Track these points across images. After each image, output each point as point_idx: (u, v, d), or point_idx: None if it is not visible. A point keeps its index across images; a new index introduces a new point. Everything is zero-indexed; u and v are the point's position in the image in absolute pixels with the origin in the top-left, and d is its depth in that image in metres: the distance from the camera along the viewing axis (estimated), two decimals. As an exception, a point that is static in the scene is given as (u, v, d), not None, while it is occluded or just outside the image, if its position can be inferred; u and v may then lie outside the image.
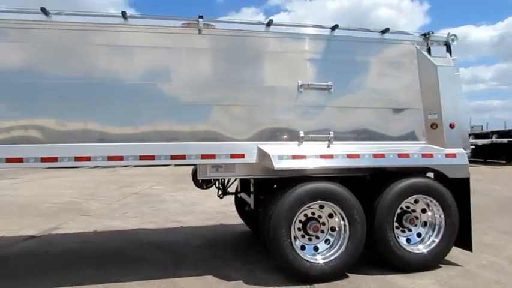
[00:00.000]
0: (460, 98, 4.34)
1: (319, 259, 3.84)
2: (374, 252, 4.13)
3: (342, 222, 3.93)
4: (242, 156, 3.85)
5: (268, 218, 3.82)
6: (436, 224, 4.22)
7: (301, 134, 3.94)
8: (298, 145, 3.94)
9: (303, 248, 3.95)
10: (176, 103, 3.79)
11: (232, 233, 6.07)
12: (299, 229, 3.98)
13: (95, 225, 6.69)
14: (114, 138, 3.64)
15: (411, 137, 4.26)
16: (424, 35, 4.34)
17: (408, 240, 4.24)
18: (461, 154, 4.19)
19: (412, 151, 4.09)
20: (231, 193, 5.30)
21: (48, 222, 6.97)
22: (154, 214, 7.67)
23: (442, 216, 4.16)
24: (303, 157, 3.83)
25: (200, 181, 4.52)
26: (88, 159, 3.58)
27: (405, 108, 4.27)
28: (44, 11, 3.59)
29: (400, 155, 4.03)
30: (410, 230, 4.27)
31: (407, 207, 4.26)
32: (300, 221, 3.99)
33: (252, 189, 4.51)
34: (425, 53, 4.30)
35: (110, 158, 3.62)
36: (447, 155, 4.16)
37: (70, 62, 3.63)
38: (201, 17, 3.78)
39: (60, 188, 12.00)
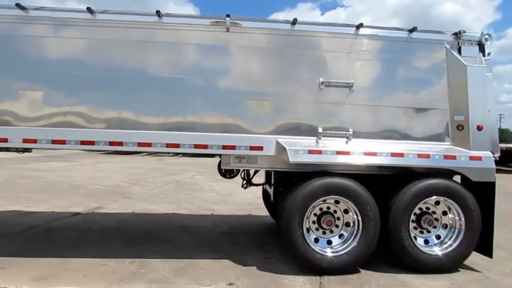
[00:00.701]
0: (490, 99, 4.19)
1: (329, 252, 3.95)
2: (389, 250, 4.14)
3: (355, 218, 4.00)
4: (261, 148, 4.03)
5: (283, 209, 3.99)
6: (455, 227, 4.14)
7: (320, 129, 4.04)
8: (316, 141, 4.04)
9: (316, 240, 4.07)
10: (202, 97, 4.04)
11: (259, 224, 6.29)
12: (313, 222, 4.10)
13: (134, 207, 7.22)
14: (146, 127, 3.98)
15: (435, 137, 4.19)
16: (455, 34, 4.23)
17: (426, 242, 4.20)
18: (488, 157, 4.07)
19: (434, 152, 4.03)
20: (256, 184, 5.51)
21: (94, 202, 7.63)
22: (190, 201, 8.09)
23: (463, 219, 4.07)
24: (319, 152, 3.94)
25: (223, 171, 4.76)
26: (121, 144, 3.96)
27: (430, 108, 4.20)
28: (89, 10, 4.00)
29: (419, 155, 4.00)
30: (429, 232, 4.23)
31: (428, 208, 4.22)
32: (315, 214, 4.10)
33: (272, 181, 4.69)
34: (455, 53, 4.19)
35: (140, 144, 3.98)
36: (472, 158, 4.06)
37: (115, 57, 4.01)
38: (228, 15, 4.00)
39: (110, 172, 12.92)
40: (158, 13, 4.06)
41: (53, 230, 5.42)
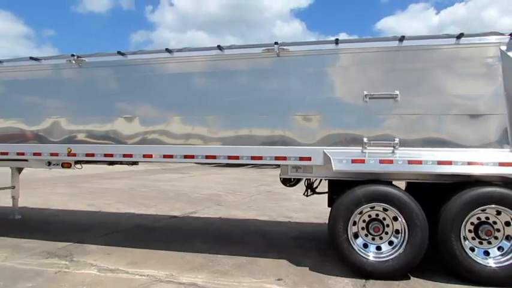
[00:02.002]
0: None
1: (372, 257, 4.11)
2: (441, 259, 4.10)
3: (402, 225, 4.09)
4: (309, 159, 4.43)
5: (330, 215, 4.31)
6: (518, 238, 3.90)
7: (365, 140, 4.26)
8: (362, 150, 4.27)
9: (365, 246, 4.27)
10: (259, 114, 4.64)
11: (330, 231, 6.54)
12: (362, 228, 4.31)
13: (222, 213, 8.14)
14: (211, 143, 4.74)
15: (492, 144, 4.03)
16: (511, 35, 4.05)
17: (486, 253, 4.03)
18: (554, 164, 3.77)
19: (488, 159, 3.90)
20: (320, 193, 5.83)
21: (191, 207, 8.80)
22: (273, 209, 8.70)
23: (523, 229, 3.83)
24: (362, 161, 4.17)
25: (282, 179, 5.24)
26: (192, 157, 4.78)
27: (485, 114, 4.06)
28: (168, 50, 4.98)
29: (470, 163, 3.92)
30: (490, 243, 4.05)
31: (487, 218, 4.05)
32: (364, 221, 4.31)
33: (327, 189, 5.00)
34: (511, 55, 4.01)
35: (207, 157, 4.76)
36: (534, 165, 3.81)
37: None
38: (276, 43, 4.55)
39: (212, 183, 14.36)
40: (220, 47, 4.82)
41: (152, 229, 6.59)
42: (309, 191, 5.61)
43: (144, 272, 4.32)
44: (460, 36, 4.14)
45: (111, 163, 6.24)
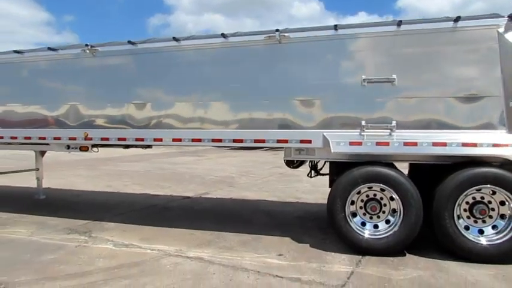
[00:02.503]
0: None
1: (367, 234, 4.32)
2: (434, 236, 4.28)
3: (398, 204, 4.27)
4: (310, 141, 4.62)
5: (329, 195, 4.53)
6: (508, 217, 4.03)
7: (363, 123, 4.41)
8: (360, 133, 4.43)
9: (363, 224, 4.47)
10: (262, 99, 4.84)
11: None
12: (361, 207, 4.50)
13: (234, 194, 8.46)
14: (220, 127, 4.98)
15: (487, 126, 4.12)
16: (510, 17, 4.07)
17: (480, 231, 4.18)
18: (548, 145, 3.85)
19: (481, 140, 4.01)
20: (323, 174, 6.02)
21: (204, 189, 9.15)
22: (283, 190, 8.96)
23: (516, 209, 3.95)
24: (359, 143, 4.34)
25: (286, 161, 5.45)
26: (200, 140, 5.03)
27: (479, 96, 4.14)
28: (175, 39, 5.19)
29: (464, 144, 4.04)
30: (484, 222, 4.19)
31: (482, 198, 4.18)
32: (362, 200, 4.50)
33: (328, 171, 5.19)
34: (509, 37, 4.04)
35: (213, 140, 5.01)
36: (528, 146, 3.89)
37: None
38: (277, 30, 4.70)
39: (227, 165, 14.70)
40: (223, 35, 4.99)
41: (166, 209, 6.96)
42: (312, 172, 5.80)
43: (156, 247, 4.66)
44: (457, 19, 4.19)
45: (127, 146, 6.59)
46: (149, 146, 6.83)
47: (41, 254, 4.41)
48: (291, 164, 5.41)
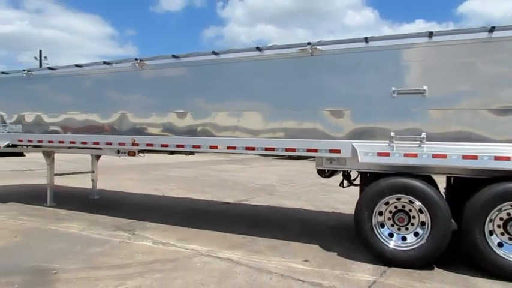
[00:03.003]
0: None
1: (393, 245, 4.32)
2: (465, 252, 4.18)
3: (426, 217, 4.23)
4: (339, 151, 4.73)
5: (356, 204, 4.59)
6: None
7: (392, 134, 4.44)
8: (389, 144, 4.46)
9: (391, 235, 4.47)
10: (294, 109, 5.03)
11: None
12: (389, 218, 4.51)
13: (271, 202, 8.66)
14: (250, 134, 5.25)
15: (524, 139, 3.99)
16: (548, 28, 3.93)
17: (515, 249, 4.02)
18: None
19: (516, 154, 3.89)
20: (356, 184, 6.03)
21: (244, 195, 9.44)
22: (322, 200, 8.99)
23: (553, 227, 3.77)
24: (387, 154, 4.37)
25: (318, 170, 5.55)
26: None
27: (515, 109, 4.03)
28: (214, 53, 5.55)
29: (496, 158, 3.94)
30: (520, 238, 4.03)
31: (516, 213, 4.03)
32: (390, 212, 4.51)
33: (359, 181, 5.23)
34: (546, 48, 3.91)
35: (247, 148, 5.28)
36: None
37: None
38: (309, 43, 4.88)
39: (270, 174, 14.93)
40: (259, 48, 5.27)
41: (205, 212, 7.32)
42: (345, 182, 5.86)
43: (190, 246, 4.99)
44: (492, 29, 4.12)
45: (171, 152, 7.07)
46: (191, 153, 7.26)
47: (89, 247, 4.90)
48: (323, 173, 5.52)
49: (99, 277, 3.89)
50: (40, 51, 40.56)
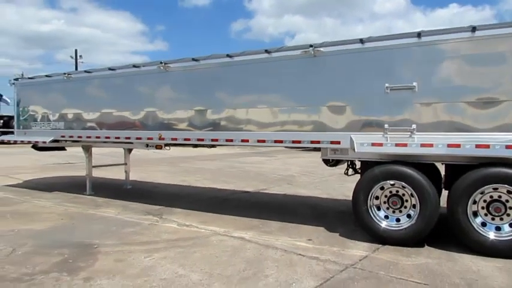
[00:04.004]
0: None
1: (385, 225, 4.83)
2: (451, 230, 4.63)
3: (415, 200, 4.71)
4: (339, 143, 5.26)
5: (354, 189, 5.12)
6: (524, 215, 4.24)
7: (386, 126, 4.92)
8: (383, 135, 4.95)
9: (386, 217, 4.98)
10: (299, 105, 5.59)
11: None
12: (385, 202, 5.02)
13: (288, 191, 9.25)
14: (262, 127, 5.86)
15: (505, 128, 4.36)
16: (526, 26, 4.28)
17: (498, 228, 4.44)
18: None
19: (494, 142, 4.29)
20: (359, 173, 6.51)
21: (264, 185, 10.09)
22: (337, 189, 9.49)
23: (530, 208, 4.16)
24: (380, 144, 4.86)
25: (323, 160, 6.08)
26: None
27: (497, 101, 4.39)
28: (228, 55, 6.18)
29: (478, 146, 4.35)
30: (502, 219, 4.44)
31: (500, 196, 4.43)
32: (385, 196, 5.01)
33: (359, 169, 5.73)
34: (525, 45, 4.26)
35: (258, 141, 5.90)
36: (541, 148, 4.10)
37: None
38: (311, 45, 5.41)
39: (292, 166, 15.48)
40: (267, 50, 5.85)
41: (226, 200, 8.03)
42: (350, 170, 6.36)
43: (209, 228, 5.69)
44: (474, 29, 4.50)
45: (195, 146, 7.80)
46: (213, 146, 7.93)
47: (123, 228, 5.71)
48: (328, 162, 6.06)
49: (131, 250, 4.66)
50: (76, 51, 42.72)
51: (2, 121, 29.48)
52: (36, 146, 9.47)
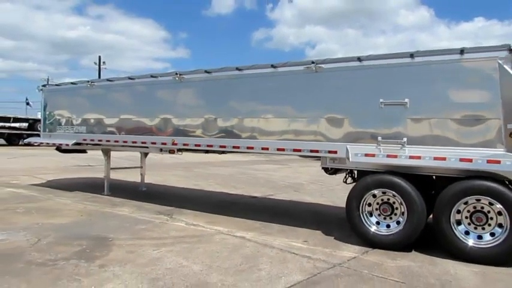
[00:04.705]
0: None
1: (376, 231, 5.20)
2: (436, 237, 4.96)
3: (404, 207, 5.07)
4: (336, 152, 5.67)
5: (348, 196, 5.51)
6: (505, 226, 4.55)
7: (379, 138, 5.31)
8: (376, 147, 5.33)
9: (378, 223, 5.34)
10: (301, 116, 6.03)
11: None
12: (376, 209, 5.39)
13: (294, 197, 9.65)
14: (269, 137, 6.31)
15: (487, 144, 4.69)
16: (509, 50, 4.62)
17: (479, 237, 4.75)
18: (539, 163, 4.33)
19: (477, 156, 4.63)
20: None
21: (271, 191, 10.51)
22: (341, 197, 9.66)
23: (507, 218, 4.47)
24: (373, 155, 5.25)
25: (322, 168, 6.47)
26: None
27: (482, 119, 4.73)
28: (238, 68, 6.69)
29: (462, 159, 4.70)
30: (483, 229, 4.75)
31: (482, 207, 4.75)
32: (377, 203, 5.38)
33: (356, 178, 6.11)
34: (507, 67, 4.60)
35: (263, 148, 6.36)
36: (519, 163, 4.42)
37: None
38: (313, 62, 5.86)
39: (303, 174, 15.84)
40: (273, 65, 6.32)
41: (233, 204, 8.50)
42: (349, 178, 6.74)
43: (214, 227, 6.16)
44: (462, 51, 4.87)
45: (206, 152, 8.31)
46: (223, 152, 8.42)
47: (136, 225, 6.23)
48: (327, 170, 6.46)
49: (142, 244, 5.16)
50: (99, 57, 44.30)
51: (27, 124, 30.92)
52: (59, 148, 10.19)
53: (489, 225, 4.72)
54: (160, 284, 3.80)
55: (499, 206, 4.58)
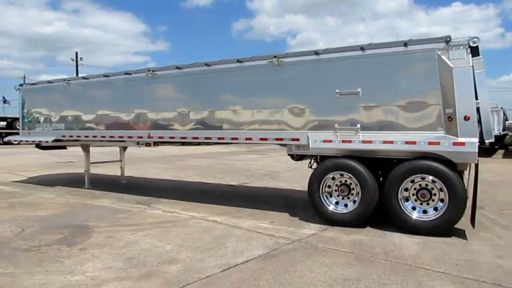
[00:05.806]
0: (482, 93, 4.98)
1: (333, 209, 5.73)
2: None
3: (358, 188, 5.60)
4: (298, 140, 6.15)
5: (309, 179, 6.02)
6: (444, 201, 5.12)
7: (336, 125, 5.81)
8: (333, 133, 5.83)
9: (337, 203, 5.87)
10: (267, 107, 6.48)
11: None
12: (335, 190, 5.91)
13: (270, 184, 10.15)
14: (237, 126, 6.75)
15: (429, 128, 5.23)
16: (446, 41, 5.14)
17: (425, 212, 5.31)
18: (471, 143, 4.90)
19: (420, 139, 5.17)
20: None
21: (248, 180, 10.99)
22: (314, 183, 10.36)
23: (446, 194, 5.05)
24: (330, 141, 5.76)
25: (288, 155, 6.95)
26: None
27: (425, 105, 5.27)
28: (206, 64, 7.08)
29: (407, 142, 5.24)
30: (428, 204, 5.31)
31: (426, 185, 5.31)
32: (336, 185, 5.90)
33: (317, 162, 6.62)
34: (445, 58, 5.12)
35: (232, 138, 6.79)
36: (455, 143, 4.98)
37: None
38: (275, 56, 6.30)
39: (281, 163, 16.33)
40: (239, 60, 6.73)
41: (210, 192, 8.94)
42: (314, 164, 7.23)
43: (189, 214, 6.60)
44: (406, 44, 5.37)
45: (182, 144, 8.70)
46: (199, 144, 8.80)
47: (116, 214, 6.62)
48: (293, 157, 6.94)
49: (120, 230, 5.57)
50: (76, 53, 43.70)
51: (5, 123, 30.60)
52: (39, 146, 10.43)
53: (433, 200, 5.29)
54: (134, 262, 4.23)
55: (440, 183, 5.14)
